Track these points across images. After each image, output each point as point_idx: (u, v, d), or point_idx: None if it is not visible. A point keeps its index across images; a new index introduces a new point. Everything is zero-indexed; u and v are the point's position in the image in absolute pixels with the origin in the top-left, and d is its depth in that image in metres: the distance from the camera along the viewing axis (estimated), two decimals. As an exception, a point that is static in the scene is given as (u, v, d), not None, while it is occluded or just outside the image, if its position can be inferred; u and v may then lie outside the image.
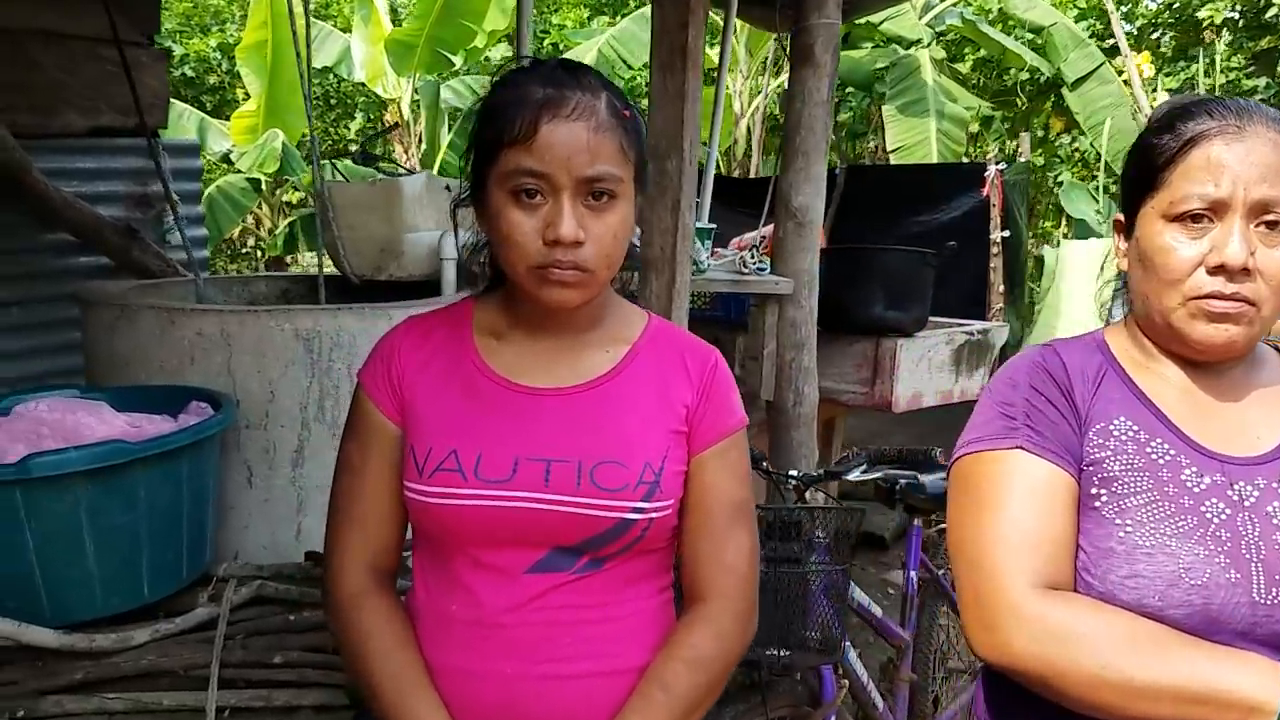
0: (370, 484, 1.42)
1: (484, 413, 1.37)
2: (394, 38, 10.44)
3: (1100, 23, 12.13)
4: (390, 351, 1.45)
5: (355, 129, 13.89)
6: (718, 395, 1.44)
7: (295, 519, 3.07)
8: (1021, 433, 1.26)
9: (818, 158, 3.84)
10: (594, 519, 1.32)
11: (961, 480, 1.31)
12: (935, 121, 9.14)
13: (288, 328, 2.99)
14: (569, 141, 1.26)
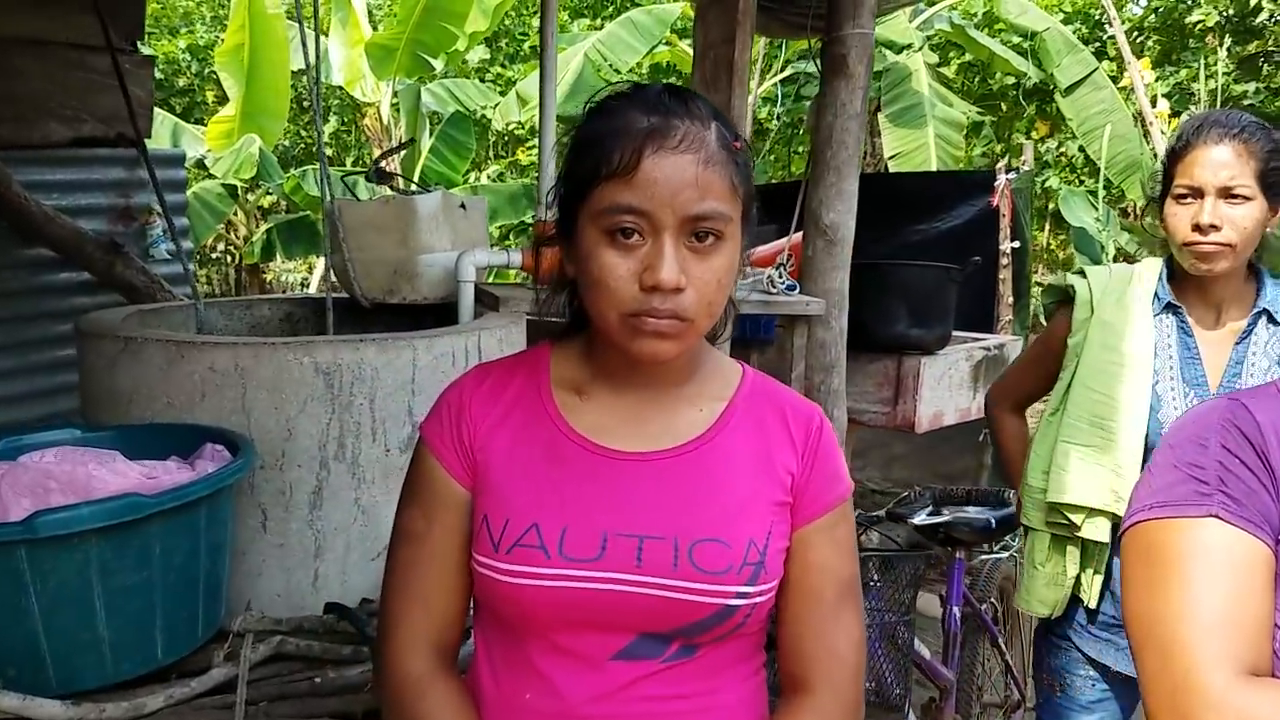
0: (435, 554, 1.29)
1: (568, 480, 1.24)
2: (373, 41, 10.21)
3: (1086, 27, 12.14)
4: (460, 405, 1.31)
5: (329, 132, 13.62)
6: (824, 460, 1.31)
7: (312, 565, 2.87)
8: (1215, 499, 1.12)
9: (850, 173, 3.68)
10: (692, 605, 1.19)
11: (1144, 551, 1.16)
12: (932, 127, 9.03)
13: (306, 361, 2.79)
14: (675, 176, 1.12)
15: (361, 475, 2.89)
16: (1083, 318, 2.22)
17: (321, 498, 2.85)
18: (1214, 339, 2.09)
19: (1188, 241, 2.00)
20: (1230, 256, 1.98)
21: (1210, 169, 1.97)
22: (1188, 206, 2.00)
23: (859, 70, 3.65)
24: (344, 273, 3.65)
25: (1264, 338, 2.04)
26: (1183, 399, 2.06)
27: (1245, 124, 2.01)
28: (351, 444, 2.87)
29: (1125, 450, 2.08)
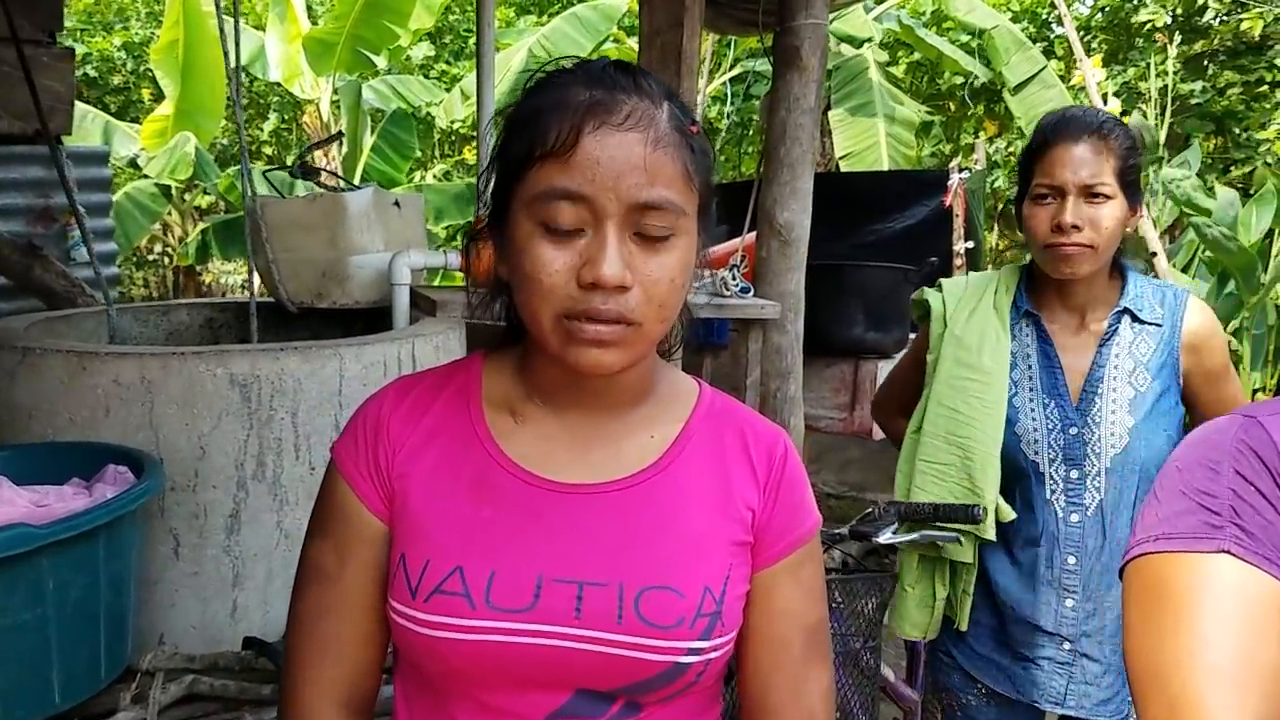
0: (347, 597, 1.10)
1: (498, 516, 1.06)
2: (312, 36, 9.92)
3: (1033, 26, 12.16)
4: (377, 425, 1.12)
5: (268, 130, 13.29)
6: (788, 493, 1.13)
7: (230, 594, 2.65)
8: (1228, 533, 0.97)
9: (804, 170, 3.53)
10: (638, 662, 1.02)
11: (1148, 587, 1.02)
12: (884, 125, 8.93)
13: (221, 372, 2.57)
14: (619, 157, 0.95)
15: (284, 496, 2.68)
16: (938, 333, 2.14)
17: (239, 521, 2.64)
18: (1075, 345, 2.00)
19: (1049, 243, 1.90)
20: (1092, 259, 1.89)
21: (1071, 167, 1.87)
22: (1047, 207, 1.90)
23: (812, 62, 3.49)
24: (268, 275, 3.43)
25: (1127, 338, 1.96)
26: (1041, 410, 1.98)
27: (1104, 120, 1.92)
28: (272, 462, 2.66)
29: (980, 466, 2.00)
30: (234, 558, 2.64)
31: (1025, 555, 2.01)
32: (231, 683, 2.32)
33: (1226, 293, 5.97)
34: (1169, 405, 1.95)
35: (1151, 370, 1.95)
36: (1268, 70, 9.44)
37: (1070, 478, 1.95)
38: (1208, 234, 5.59)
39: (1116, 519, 1.93)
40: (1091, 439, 1.94)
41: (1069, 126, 1.91)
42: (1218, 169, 9.34)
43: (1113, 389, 1.95)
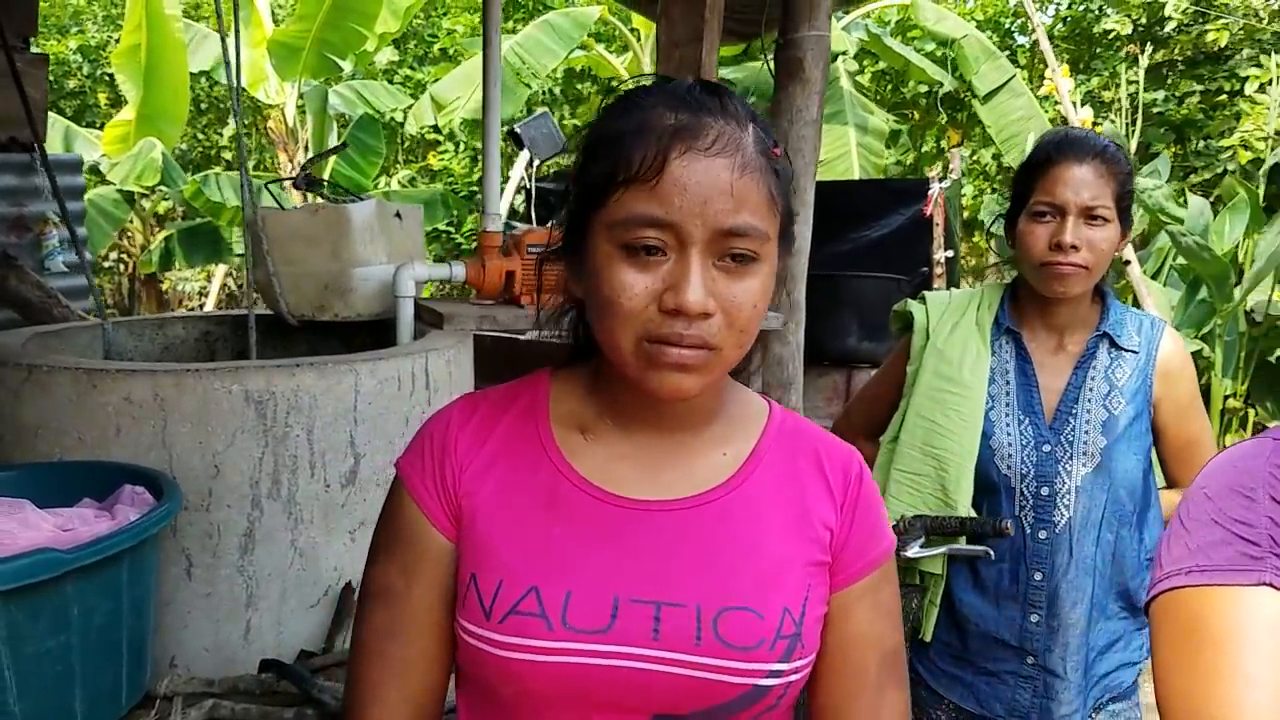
0: (415, 618, 1.10)
1: (571, 534, 1.05)
2: (277, 40, 9.79)
3: (997, 35, 12.32)
4: (446, 441, 1.12)
5: (229, 135, 13.10)
6: (865, 513, 1.13)
7: (244, 615, 2.59)
8: (1269, 564, 0.93)
9: (807, 181, 3.54)
10: (718, 685, 1.02)
11: (1184, 624, 0.97)
12: (855, 134, 9.00)
13: (235, 389, 2.51)
14: (706, 183, 0.95)
15: (298, 514, 2.62)
16: (920, 345, 2.16)
17: (254, 540, 2.58)
18: (1053, 364, 2.04)
19: (1046, 261, 1.92)
20: (1085, 279, 1.93)
21: (1073, 187, 1.89)
22: (1047, 224, 1.92)
23: (815, 75, 3.51)
24: (269, 288, 3.37)
25: (1104, 362, 2.00)
26: (1016, 426, 2.01)
27: (1106, 144, 1.96)
28: (287, 480, 2.60)
29: (955, 479, 2.03)
30: (248, 578, 2.58)
31: (990, 571, 2.03)
32: (253, 706, 2.27)
33: (1199, 300, 6.09)
34: (1140, 430, 1.99)
35: (1126, 395, 1.99)
36: (1226, 80, 9.64)
37: (1040, 495, 1.98)
38: (1182, 242, 5.70)
39: (1083, 537, 1.96)
40: (1063, 457, 1.97)
41: (1074, 147, 1.94)
42: (1178, 176, 9.52)
43: (1087, 410, 1.98)
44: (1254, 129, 7.40)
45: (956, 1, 13.49)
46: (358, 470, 2.69)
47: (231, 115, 2.82)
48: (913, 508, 2.10)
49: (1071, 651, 1.99)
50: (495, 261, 3.25)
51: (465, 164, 12.70)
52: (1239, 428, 5.93)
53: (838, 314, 4.27)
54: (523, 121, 3.59)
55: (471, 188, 12.43)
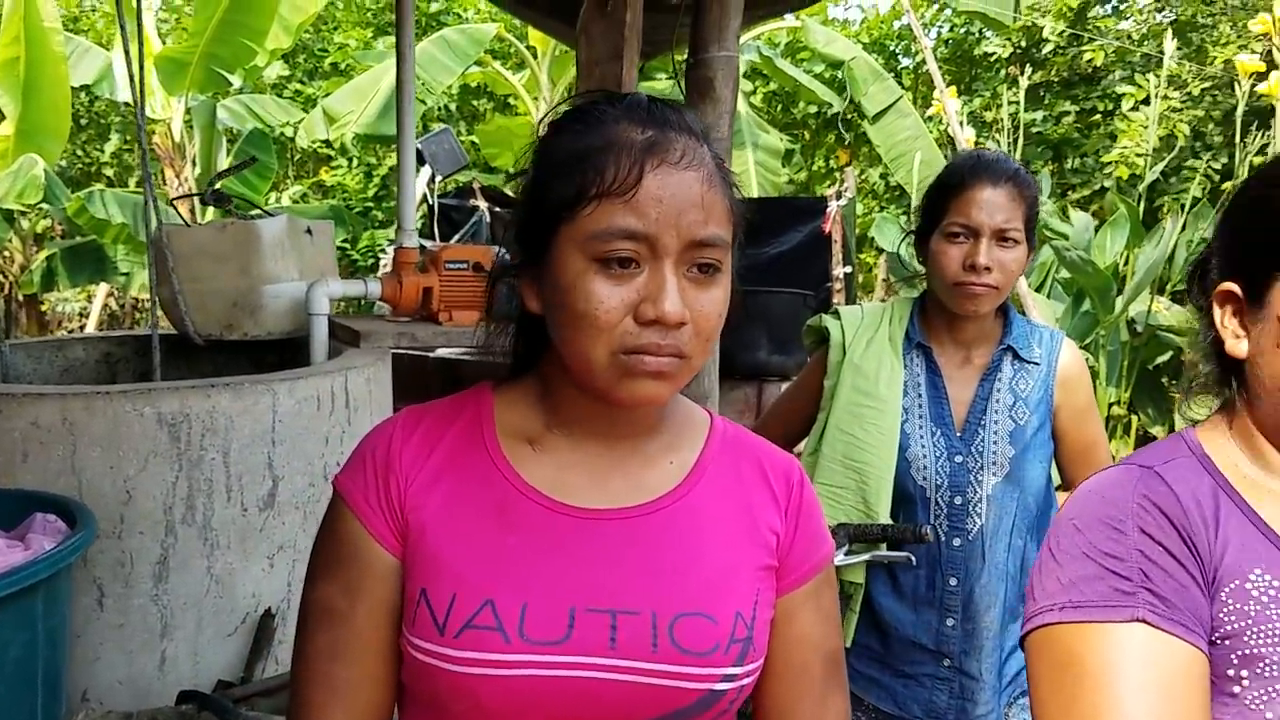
0: (360, 639, 1.06)
1: (524, 545, 1.03)
2: (164, 55, 9.47)
3: (883, 57, 12.68)
4: (388, 456, 1.09)
5: (110, 151, 12.63)
6: (808, 519, 1.15)
7: (158, 646, 2.51)
8: (1140, 599, 0.94)
9: (721, 199, 3.58)
10: (675, 691, 1.01)
11: (1058, 659, 0.97)
12: (752, 153, 9.16)
13: (148, 412, 2.44)
14: (680, 196, 0.96)
15: (215, 540, 2.56)
16: (836, 360, 2.20)
17: (168, 568, 2.50)
18: (961, 377, 2.10)
19: (960, 281, 1.97)
20: (995, 298, 1.98)
21: (987, 210, 1.94)
22: (960, 245, 1.96)
23: (726, 94, 3.55)
24: (173, 307, 3.26)
25: (1008, 374, 2.07)
26: (929, 438, 2.07)
27: (1018, 168, 2.02)
28: (202, 505, 2.53)
29: (875, 491, 2.09)
30: (162, 607, 2.50)
31: (908, 577, 2.07)
32: (175, 740, 2.20)
33: (1083, 311, 6.35)
34: (1044, 439, 2.06)
35: (1030, 405, 2.05)
36: (1100, 99, 10.11)
37: (954, 503, 2.04)
38: (1067, 257, 5.94)
39: (995, 544, 2.03)
40: (975, 467, 2.03)
41: (989, 170, 1.98)
42: (1057, 193, 9.93)
43: (994, 421, 2.05)
44: (1132, 145, 7.79)
45: (843, 24, 13.86)
46: (276, 493, 2.63)
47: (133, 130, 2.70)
48: (834, 519, 2.12)
49: (986, 654, 2.06)
50: (412, 278, 3.21)
51: (359, 179, 12.50)
52: (1123, 434, 6.20)
53: (747, 328, 4.33)
54: (423, 138, 3.56)
55: (366, 203, 12.22)
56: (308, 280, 3.24)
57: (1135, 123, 8.08)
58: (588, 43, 2.64)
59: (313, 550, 1.12)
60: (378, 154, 12.21)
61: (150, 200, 3.11)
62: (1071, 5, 9.60)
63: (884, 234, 8.24)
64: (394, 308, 3.28)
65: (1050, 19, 9.53)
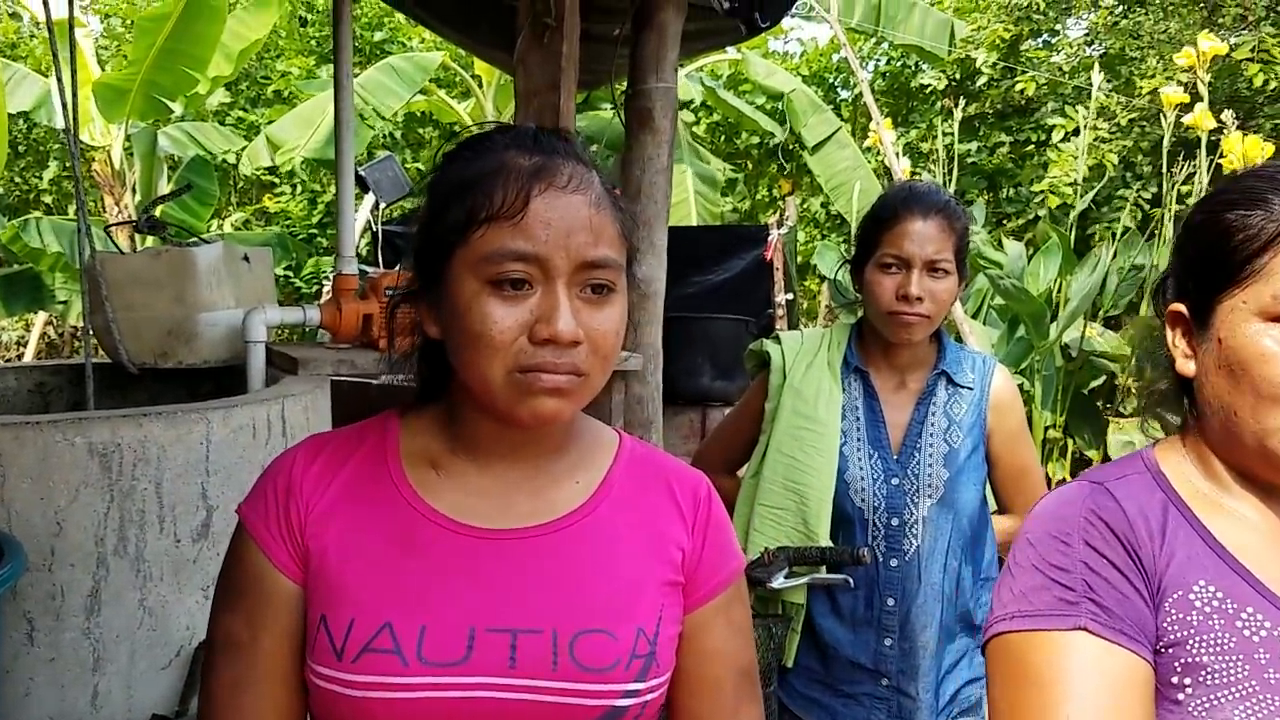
0: (264, 668, 1.06)
1: (425, 568, 1.05)
2: (103, 82, 9.37)
3: (822, 89, 12.90)
4: (289, 484, 1.10)
5: (49, 178, 12.43)
6: (716, 533, 1.17)
7: (90, 680, 2.46)
8: (1083, 609, 0.99)
9: (660, 226, 3.63)
10: (575, 709, 1.03)
11: (1010, 667, 1.03)
12: (693, 182, 9.25)
13: (79, 441, 2.40)
14: (568, 217, 1.00)
15: (147, 572, 2.52)
16: (777, 384, 2.25)
17: (100, 601, 2.47)
18: (897, 401, 2.16)
19: (893, 310, 2.04)
20: (927, 326, 2.06)
21: (918, 242, 2.01)
22: (893, 276, 2.04)
23: (664, 124, 3.62)
24: (107, 335, 3.23)
25: (943, 398, 2.14)
26: (867, 460, 2.12)
27: (948, 200, 2.10)
28: (135, 536, 2.50)
29: (815, 512, 2.13)
30: (94, 640, 2.46)
31: (847, 598, 2.11)
32: (105, 775, 2.16)
33: (1017, 337, 6.47)
34: (978, 461, 2.12)
35: (964, 428, 2.11)
36: (1033, 130, 10.36)
37: (891, 525, 2.08)
38: (1001, 285, 6.06)
39: (931, 564, 2.07)
40: (911, 489, 2.08)
41: (920, 202, 2.05)
42: (992, 223, 10.14)
43: (929, 444, 2.10)
44: (1061, 175, 8.00)
45: (784, 57, 14.08)
46: (210, 523, 2.60)
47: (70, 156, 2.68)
48: (776, 540, 2.16)
49: (923, 673, 2.09)
50: (351, 305, 3.21)
51: (303, 206, 12.42)
52: (1059, 456, 6.31)
53: (691, 354, 4.38)
54: (367, 165, 3.57)
55: (310, 230, 12.14)
56: (245, 307, 3.22)
57: (1065, 153, 8.29)
58: (525, 73, 2.67)
59: (218, 581, 1.12)
60: (322, 181, 12.14)
61: (84, 227, 3.08)
62: (1004, 38, 9.85)
63: (825, 261, 8.35)
64: (334, 335, 3.27)
65: (983, 51, 9.77)
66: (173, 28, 8.53)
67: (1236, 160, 5.54)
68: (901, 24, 9.49)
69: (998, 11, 10.00)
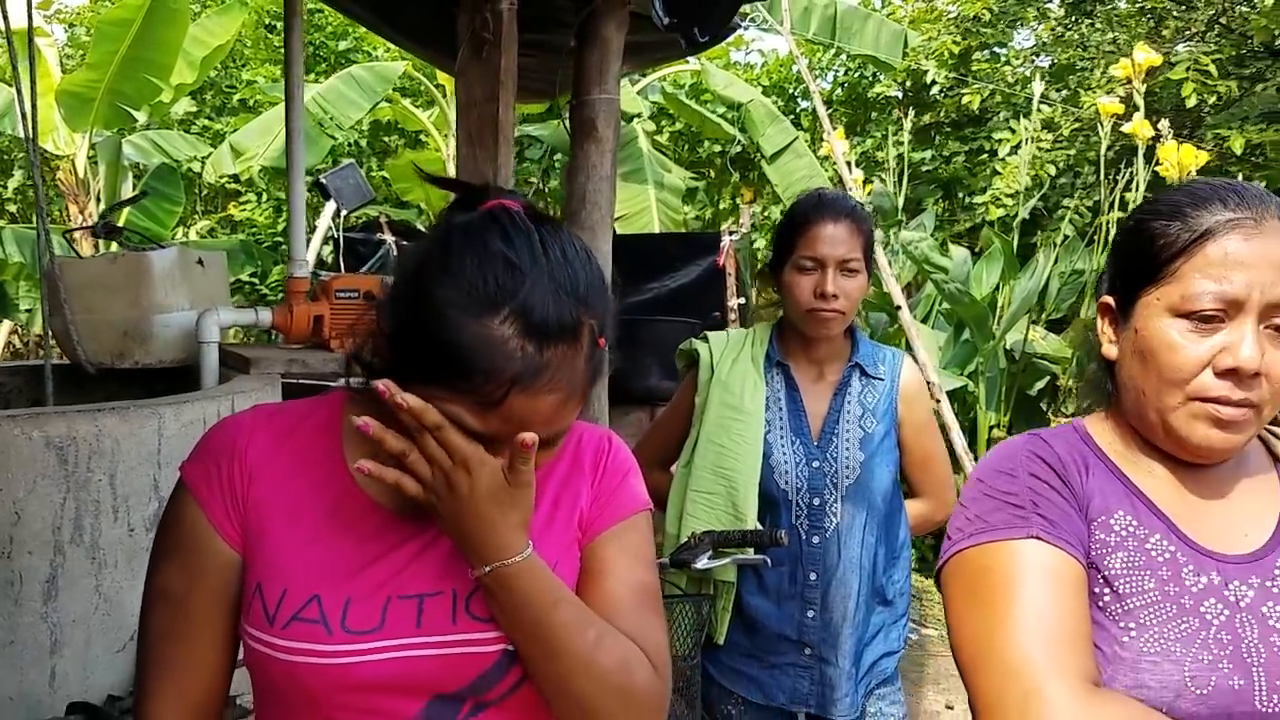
0: (195, 619, 1.15)
1: (354, 545, 1.14)
2: (66, 90, 9.40)
3: (782, 99, 13.09)
4: (234, 449, 1.17)
5: (13, 187, 12.43)
6: (613, 475, 1.27)
7: (48, 662, 2.57)
8: (1033, 521, 1.17)
9: (604, 232, 3.77)
10: (474, 657, 1.12)
11: (971, 576, 1.19)
12: (654, 190, 9.41)
13: (36, 435, 2.52)
14: (534, 415, 1.07)
15: (102, 559, 2.64)
16: (705, 379, 2.41)
17: (57, 587, 2.58)
18: (816, 392, 2.34)
19: (811, 308, 2.22)
20: (842, 321, 2.25)
21: (830, 244, 2.20)
22: (810, 276, 2.21)
23: (608, 134, 3.76)
24: (66, 336, 3.34)
25: (857, 388, 2.32)
26: (790, 446, 2.29)
27: (855, 205, 2.30)
28: (90, 525, 2.62)
29: (743, 495, 2.28)
30: (52, 625, 2.57)
31: (772, 575, 2.27)
32: (61, 749, 2.28)
33: (963, 340, 6.67)
34: (890, 445, 2.30)
35: (877, 415, 2.29)
36: (986, 140, 10.60)
37: (813, 505, 2.25)
38: (945, 289, 6.26)
39: (849, 540, 2.24)
40: (830, 472, 2.25)
41: (829, 207, 2.24)
42: (947, 230, 10.35)
43: (846, 430, 2.27)
44: (1004, 186, 8.23)
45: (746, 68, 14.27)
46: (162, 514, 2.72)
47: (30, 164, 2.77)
48: (707, 523, 2.31)
49: (842, 642, 2.25)
50: (303, 306, 3.34)
51: (269, 214, 12.48)
52: (1002, 456, 6.49)
53: (640, 356, 4.52)
54: (329, 172, 3.69)
55: (276, 238, 12.19)
56: (199, 309, 3.34)
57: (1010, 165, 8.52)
58: (465, 85, 2.81)
59: (157, 532, 1.19)
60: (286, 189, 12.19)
61: (43, 233, 3.20)
62: (953, 50, 10.07)
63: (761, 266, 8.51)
64: (286, 336, 3.40)
65: (932, 62, 9.99)
66: (135, 34, 8.56)
67: (1172, 168, 5.73)
68: (857, 35, 9.69)
69: (948, 24, 10.22)
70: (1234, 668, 1.10)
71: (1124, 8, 9.65)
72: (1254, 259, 1.12)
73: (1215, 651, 1.10)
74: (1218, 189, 1.18)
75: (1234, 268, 1.12)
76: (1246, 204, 1.15)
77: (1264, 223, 1.13)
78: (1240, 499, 1.23)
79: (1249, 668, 1.10)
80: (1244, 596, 1.14)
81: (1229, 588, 1.15)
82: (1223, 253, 1.13)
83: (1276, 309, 1.12)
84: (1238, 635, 1.12)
